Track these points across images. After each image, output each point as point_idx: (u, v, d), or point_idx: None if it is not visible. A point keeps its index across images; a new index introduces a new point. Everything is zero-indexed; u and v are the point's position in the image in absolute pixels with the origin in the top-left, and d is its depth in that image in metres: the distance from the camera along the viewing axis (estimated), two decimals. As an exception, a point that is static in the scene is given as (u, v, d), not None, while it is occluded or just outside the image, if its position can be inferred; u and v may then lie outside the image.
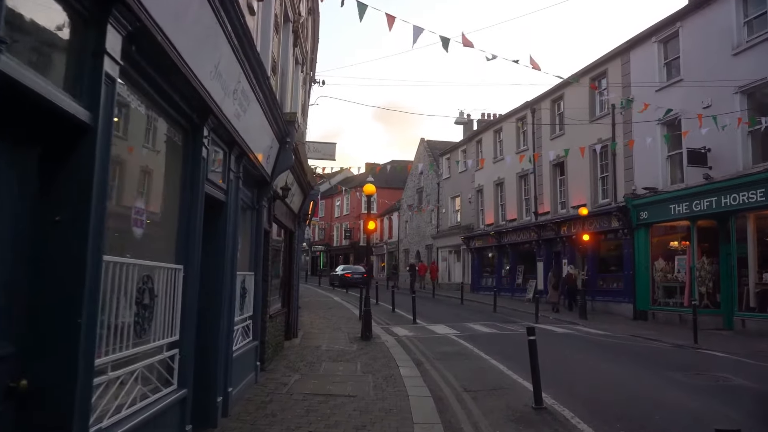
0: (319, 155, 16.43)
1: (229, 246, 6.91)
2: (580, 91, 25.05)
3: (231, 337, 7.21)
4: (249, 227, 9.04)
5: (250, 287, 8.77)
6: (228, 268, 6.87)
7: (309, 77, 17.08)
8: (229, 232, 6.84)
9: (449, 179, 40.47)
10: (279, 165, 9.29)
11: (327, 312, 22.20)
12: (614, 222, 22.00)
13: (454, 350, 13.37)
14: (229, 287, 7.03)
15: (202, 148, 5.46)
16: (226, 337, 6.92)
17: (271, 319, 10.83)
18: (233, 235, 7.10)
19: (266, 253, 10.34)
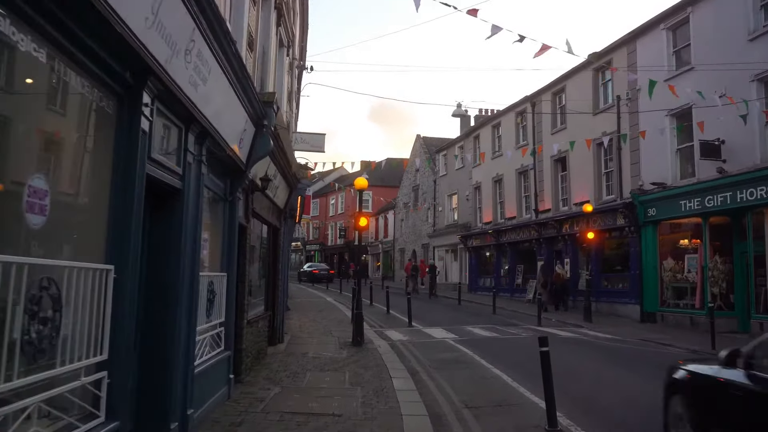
0: (308, 146, 15.33)
1: (188, 242, 5.82)
2: (582, 83, 24.03)
3: (192, 348, 6.11)
4: (221, 222, 7.95)
5: (221, 290, 7.67)
6: (186, 269, 5.77)
7: (297, 64, 16.00)
8: (187, 225, 5.74)
9: (446, 176, 39.39)
10: (256, 151, 8.19)
11: (318, 314, 21.09)
12: (620, 219, 20.94)
13: (453, 357, 12.29)
14: (189, 291, 5.93)
15: (141, 118, 4.36)
16: (184, 349, 5.82)
17: (249, 324, 9.73)
18: (194, 230, 6.00)
19: (242, 251, 9.24)
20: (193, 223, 5.97)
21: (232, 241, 8.13)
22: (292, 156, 12.39)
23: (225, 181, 7.92)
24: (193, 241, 5.98)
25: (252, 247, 11.59)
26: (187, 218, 5.75)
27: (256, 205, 9.91)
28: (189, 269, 5.89)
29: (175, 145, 5.49)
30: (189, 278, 5.89)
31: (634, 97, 20.78)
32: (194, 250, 6.02)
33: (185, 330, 5.83)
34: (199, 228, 6.15)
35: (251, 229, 9.75)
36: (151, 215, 5.53)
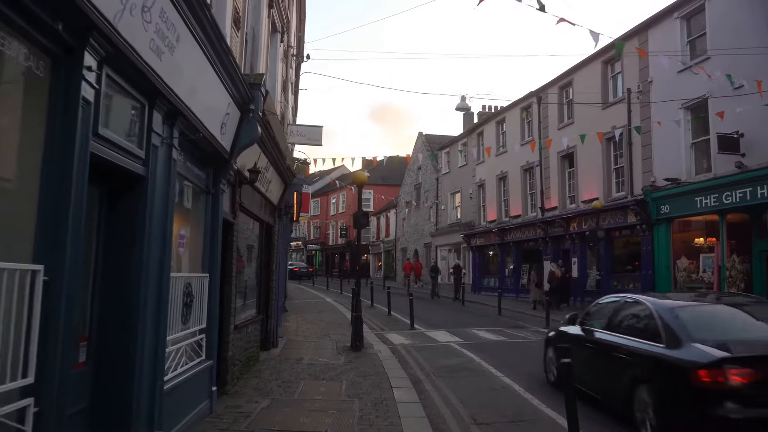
0: (304, 139, 14.50)
1: (155, 238, 5.00)
2: (591, 76, 23.20)
3: (161, 361, 5.29)
4: (201, 216, 7.13)
5: (201, 293, 6.85)
6: (152, 269, 4.96)
7: (293, 53, 15.18)
8: (153, 218, 4.92)
9: (449, 174, 38.55)
10: (241, 139, 7.38)
11: (316, 316, 20.27)
12: (631, 217, 20.09)
13: (458, 363, 11.47)
14: (157, 295, 5.11)
15: (82, 83, 3.54)
16: (150, 363, 5.01)
17: (237, 330, 8.91)
18: (162, 224, 5.18)
19: (229, 249, 8.43)
20: (162, 217, 5.16)
21: (216, 238, 7.31)
22: (286, 148, 11.58)
23: (206, 171, 7.10)
24: (161, 238, 5.16)
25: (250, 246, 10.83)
26: (153, 210, 4.93)
27: (244, 199, 9.10)
28: (156, 269, 5.08)
29: (135, 124, 4.67)
30: (156, 280, 5.08)
31: (645, 89, 19.93)
32: (163, 247, 5.20)
33: (151, 340, 5.01)
34: (169, 222, 5.33)
35: (239, 226, 8.93)
36: (109, 206, 4.73)
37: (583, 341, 8.27)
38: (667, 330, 6.60)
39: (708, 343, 6.03)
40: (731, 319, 6.89)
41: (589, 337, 8.27)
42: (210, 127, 6.17)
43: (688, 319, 6.74)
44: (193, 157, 6.48)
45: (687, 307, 7.22)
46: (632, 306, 7.80)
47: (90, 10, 3.34)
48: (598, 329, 8.16)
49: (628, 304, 7.99)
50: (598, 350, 7.93)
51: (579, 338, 8.43)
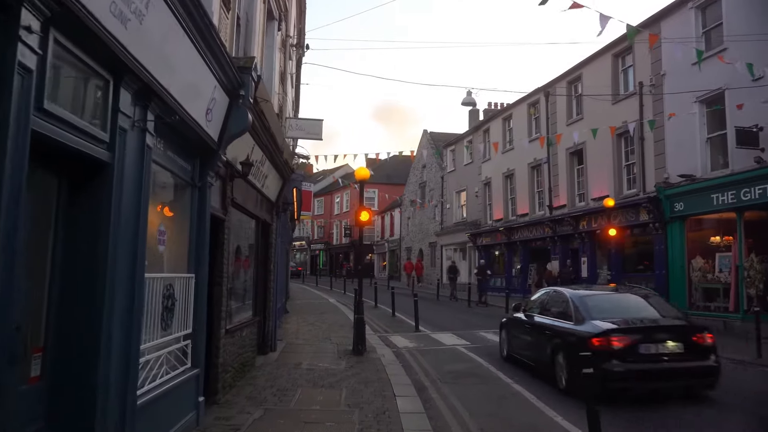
0: (303, 133, 13.88)
1: (124, 235, 4.41)
2: (600, 70, 22.52)
3: (134, 373, 4.70)
4: (187, 212, 6.54)
5: (185, 295, 6.26)
6: (121, 269, 4.37)
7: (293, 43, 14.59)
8: (121, 211, 4.33)
9: (454, 172, 37.90)
10: (230, 127, 6.78)
11: (318, 317, 19.67)
12: (643, 215, 19.42)
13: (466, 368, 10.86)
14: (128, 298, 4.52)
15: (19, 46, 2.94)
16: (120, 375, 4.42)
17: (229, 334, 8.32)
18: (134, 218, 4.60)
19: (219, 248, 7.84)
20: (133, 210, 4.57)
21: (203, 235, 6.72)
22: (283, 141, 10.99)
23: (192, 162, 6.51)
24: (133, 234, 4.57)
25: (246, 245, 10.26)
26: (122, 203, 4.34)
27: (237, 194, 8.50)
28: (127, 269, 4.49)
29: (96, 102, 4.08)
30: (127, 281, 4.49)
31: (658, 83, 19.26)
32: (135, 244, 4.61)
33: (121, 349, 4.42)
34: (143, 217, 4.75)
35: (231, 223, 8.33)
36: (69, 197, 4.13)
37: (525, 324, 10.72)
38: (576, 312, 9.03)
39: (601, 320, 8.50)
40: (621, 304, 9.51)
41: (529, 320, 10.62)
42: (192, 112, 5.57)
43: (591, 304, 9.17)
44: (175, 146, 5.89)
45: (592, 296, 9.75)
46: (557, 296, 10.18)
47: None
48: (536, 314, 10.50)
49: (555, 294, 10.44)
50: (534, 329, 10.27)
51: (522, 321, 10.89)
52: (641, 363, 8.08)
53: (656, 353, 8.15)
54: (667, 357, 8.18)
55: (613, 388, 7.89)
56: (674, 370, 8.13)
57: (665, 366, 8.14)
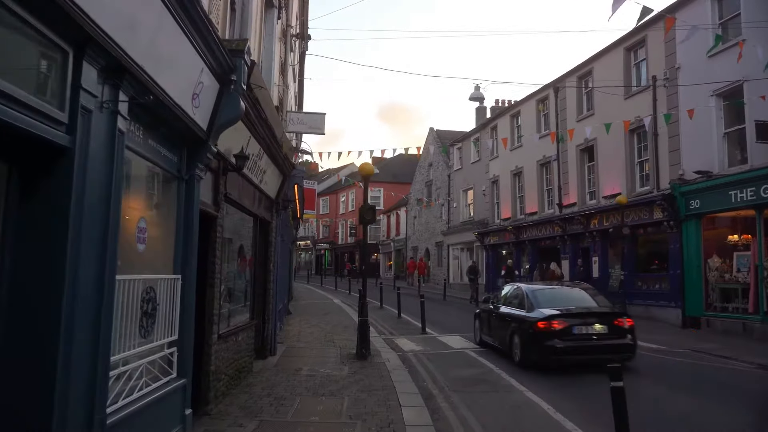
0: (305, 128, 13.31)
1: (89, 231, 3.85)
2: (612, 65, 21.87)
3: (103, 387, 4.14)
4: (173, 207, 5.99)
5: (170, 298, 5.70)
6: (85, 270, 3.81)
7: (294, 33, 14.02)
8: (83, 205, 3.77)
9: (461, 170, 37.27)
10: (221, 115, 6.22)
11: (321, 318, 19.11)
12: (657, 213, 18.77)
13: (475, 374, 10.27)
14: (93, 303, 3.96)
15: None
16: (84, 391, 3.86)
17: (222, 339, 7.77)
18: (102, 214, 4.04)
19: (211, 246, 7.29)
20: (101, 203, 4.01)
21: (191, 233, 6.16)
22: (283, 134, 10.43)
23: (178, 153, 5.95)
24: (101, 229, 4.02)
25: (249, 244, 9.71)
26: (86, 193, 3.78)
27: (231, 189, 7.94)
28: (94, 270, 3.93)
29: (51, 76, 3.52)
30: (92, 284, 3.93)
31: (672, 76, 18.62)
32: (104, 242, 4.05)
33: (85, 362, 3.87)
34: (114, 211, 4.18)
35: (224, 220, 7.77)
36: (22, 187, 3.58)
37: (492, 313, 12.84)
38: (528, 302, 11.29)
39: (546, 307, 10.79)
40: (565, 296, 11.94)
41: (495, 310, 12.68)
42: (175, 95, 5.01)
43: (540, 296, 11.49)
44: (158, 135, 5.34)
45: (542, 290, 12.16)
46: (517, 290, 12.36)
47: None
48: (501, 305, 12.54)
49: (515, 289, 12.54)
50: (498, 318, 12.37)
51: (490, 311, 13.03)
52: (575, 341, 10.37)
53: (586, 333, 10.53)
54: (595, 336, 10.54)
55: (554, 359, 10.27)
56: (600, 346, 10.43)
57: (593, 343, 10.52)
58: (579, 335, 10.40)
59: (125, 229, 4.88)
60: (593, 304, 11.54)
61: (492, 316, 12.79)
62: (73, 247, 3.63)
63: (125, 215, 4.87)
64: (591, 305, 11.43)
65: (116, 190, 4.20)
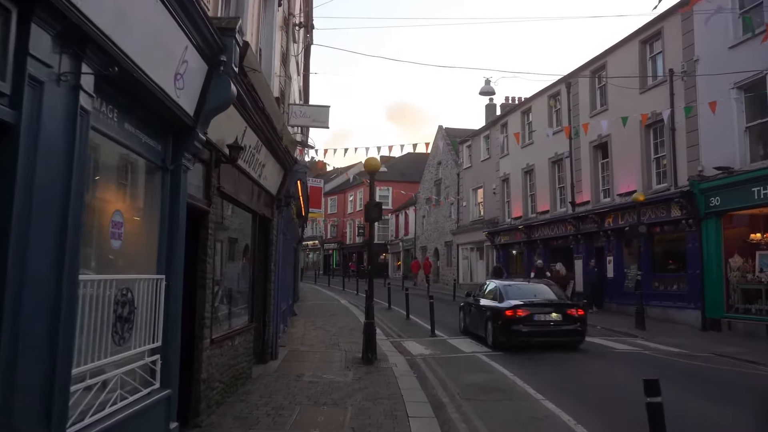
0: (308, 121, 12.74)
1: (40, 221, 3.30)
2: (627, 58, 21.19)
3: (62, 404, 3.59)
4: (156, 200, 5.44)
5: (152, 300, 5.14)
6: (34, 267, 3.25)
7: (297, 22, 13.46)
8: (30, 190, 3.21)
9: (470, 169, 36.62)
10: (210, 99, 5.66)
11: (327, 320, 18.55)
12: (675, 210, 18.09)
13: (488, 381, 9.66)
14: (48, 306, 3.41)
15: None
16: (39, 410, 3.31)
17: (216, 344, 7.21)
18: (60, 204, 3.48)
19: (202, 244, 6.74)
20: (57, 191, 3.45)
21: (177, 228, 5.59)
22: (283, 126, 9.87)
23: (162, 141, 5.40)
24: (58, 222, 3.46)
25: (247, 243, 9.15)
26: (36, 178, 3.22)
27: (226, 183, 7.39)
28: (47, 269, 3.38)
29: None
30: (48, 285, 3.38)
31: (690, 69, 17.92)
32: (61, 236, 3.49)
33: (41, 375, 3.32)
34: (75, 200, 3.62)
35: (218, 216, 7.21)
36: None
37: (472, 305, 14.95)
38: (500, 295, 13.42)
39: (513, 299, 12.89)
40: (530, 290, 14.04)
41: (475, 303, 14.70)
42: (153, 73, 4.45)
43: (509, 290, 13.69)
44: (136, 119, 4.78)
45: (511, 285, 14.45)
46: (491, 286, 14.68)
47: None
48: (480, 298, 14.54)
49: (490, 284, 14.97)
50: (477, 308, 14.37)
51: (471, 304, 15.16)
52: (536, 326, 12.68)
53: (545, 320, 12.81)
54: (552, 322, 12.80)
55: (519, 341, 12.48)
56: (555, 331, 12.81)
57: (550, 328, 12.81)
58: (539, 321, 12.72)
59: (95, 223, 4.35)
60: (552, 296, 13.81)
61: (472, 307, 14.95)
62: (17, 240, 3.08)
63: (95, 207, 4.34)
64: (550, 297, 13.70)
65: (78, 176, 3.64)
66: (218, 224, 7.50)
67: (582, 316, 12.93)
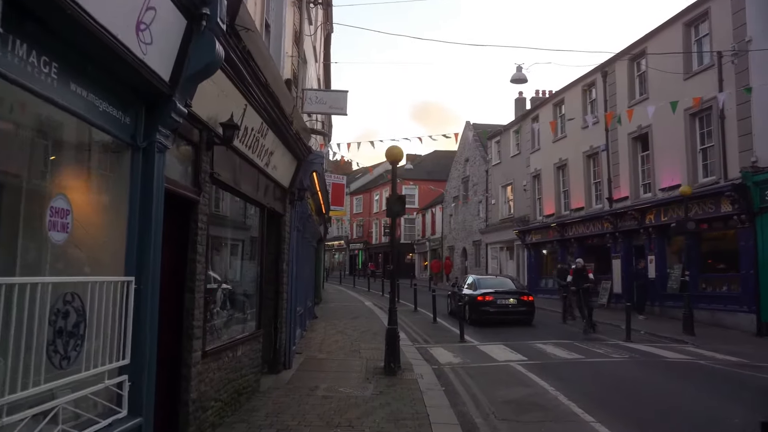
0: (325, 108, 11.66)
1: None
2: (669, 42, 19.74)
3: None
4: (124, 185, 4.42)
5: (110, 309, 4.10)
6: None
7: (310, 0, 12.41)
8: None
9: (499, 165, 35.28)
10: (191, 61, 4.62)
11: (350, 323, 17.50)
12: (725, 205, 16.66)
13: (526, 396, 8.49)
14: None
15: None
16: None
17: (211, 357, 6.18)
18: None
19: (191, 240, 5.71)
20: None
21: (150, 219, 4.55)
22: (294, 108, 8.82)
23: (132, 112, 4.37)
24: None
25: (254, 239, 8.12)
26: None
27: (222, 170, 6.35)
28: None
29: None
30: None
31: (742, 49, 16.47)
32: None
33: None
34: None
35: (209, 207, 6.18)
36: None
37: (456, 294, 19.15)
38: (475, 286, 18.25)
39: (483, 289, 17.70)
40: (497, 282, 19.07)
41: (459, 292, 19.07)
42: (98, 14, 3.41)
43: (481, 282, 18.51)
44: (87, 79, 3.76)
45: (483, 278, 19.58)
46: (470, 279, 19.40)
47: None
48: (463, 288, 19.00)
49: (468, 278, 19.87)
50: (459, 296, 18.43)
51: (456, 293, 19.52)
52: (498, 307, 17.36)
53: (505, 303, 17.46)
54: (509, 305, 17.48)
55: (486, 318, 17.11)
56: (512, 311, 17.43)
57: (509, 309, 17.44)
58: (500, 304, 17.47)
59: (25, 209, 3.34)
60: (512, 287, 18.86)
61: (456, 295, 19.34)
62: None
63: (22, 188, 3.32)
64: (510, 287, 18.67)
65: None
66: (214, 217, 6.49)
67: (531, 301, 17.91)
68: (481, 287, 17.83)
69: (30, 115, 3.44)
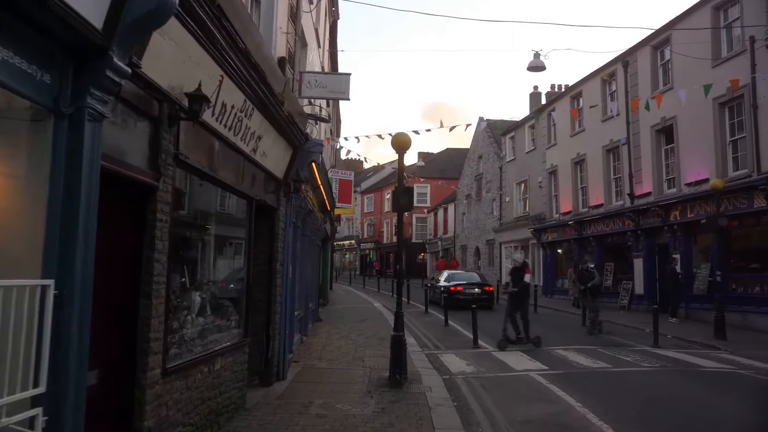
0: (326, 92, 10.62)
1: None
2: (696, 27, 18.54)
3: None
4: (42, 161, 3.43)
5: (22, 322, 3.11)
6: None
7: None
8: None
9: (514, 161, 34.12)
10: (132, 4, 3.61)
11: (355, 326, 16.46)
12: (758, 200, 15.50)
13: (550, 414, 7.42)
14: None
15: None
16: None
17: (178, 374, 5.19)
18: None
19: (148, 235, 4.71)
20: None
21: (77, 205, 3.55)
22: (285, 87, 7.82)
23: (55, 70, 3.39)
24: None
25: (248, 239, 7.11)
26: None
27: (190, 152, 5.34)
28: None
29: None
30: None
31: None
32: None
33: None
34: None
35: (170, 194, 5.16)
36: None
37: (435, 287, 24.02)
38: (449, 279, 23.88)
39: (455, 281, 23.37)
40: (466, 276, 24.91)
41: (436, 284, 24.26)
42: None
43: (454, 276, 24.40)
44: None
45: (455, 273, 25.53)
46: (445, 275, 24.87)
47: None
48: (440, 281, 24.15)
49: (444, 273, 25.37)
50: (437, 288, 23.42)
51: (434, 286, 24.50)
52: (467, 295, 21.21)
53: (472, 292, 21.94)
54: (475, 294, 21.86)
55: (458, 304, 19.74)
56: (477, 299, 20.39)
57: (475, 297, 20.93)
58: (468, 293, 21.65)
59: None
60: (478, 279, 24.02)
61: (434, 288, 23.76)
62: None
63: None
64: (477, 280, 23.87)
65: None
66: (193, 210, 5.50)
67: (491, 291, 23.33)
68: (454, 280, 23.25)
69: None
